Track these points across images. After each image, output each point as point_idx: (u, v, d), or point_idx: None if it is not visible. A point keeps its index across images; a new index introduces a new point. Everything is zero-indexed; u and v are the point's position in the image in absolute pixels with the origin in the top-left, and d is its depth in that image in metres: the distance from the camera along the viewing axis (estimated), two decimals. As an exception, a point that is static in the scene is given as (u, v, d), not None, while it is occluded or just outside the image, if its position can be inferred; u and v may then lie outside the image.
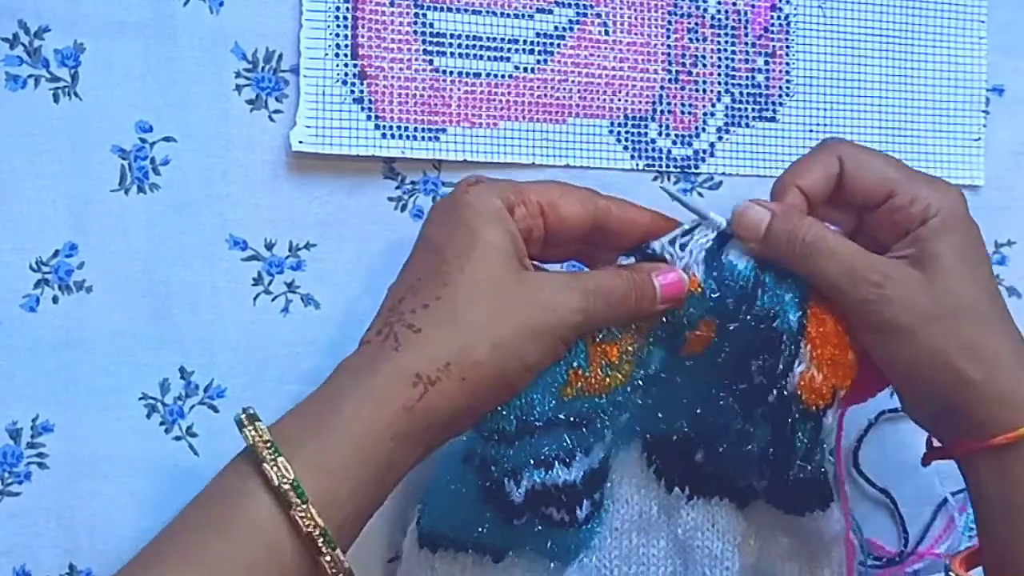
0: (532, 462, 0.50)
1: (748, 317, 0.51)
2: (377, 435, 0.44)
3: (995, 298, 0.52)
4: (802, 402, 0.53)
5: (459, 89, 0.59)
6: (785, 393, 0.52)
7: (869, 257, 0.51)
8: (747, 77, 0.63)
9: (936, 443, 0.55)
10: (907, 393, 0.53)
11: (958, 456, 0.52)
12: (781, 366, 0.52)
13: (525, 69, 0.60)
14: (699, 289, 0.51)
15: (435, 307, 0.46)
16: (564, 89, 0.61)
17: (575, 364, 0.49)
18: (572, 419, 0.50)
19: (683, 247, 0.52)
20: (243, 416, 0.45)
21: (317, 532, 0.42)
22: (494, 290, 0.46)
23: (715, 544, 0.58)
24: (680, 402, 0.54)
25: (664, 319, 0.51)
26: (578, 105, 0.61)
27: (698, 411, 0.54)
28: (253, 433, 0.44)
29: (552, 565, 0.55)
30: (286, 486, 0.42)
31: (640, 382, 0.52)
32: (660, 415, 0.54)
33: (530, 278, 0.48)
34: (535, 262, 0.52)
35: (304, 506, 0.42)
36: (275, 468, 0.43)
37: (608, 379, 0.50)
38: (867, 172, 0.52)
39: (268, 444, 0.43)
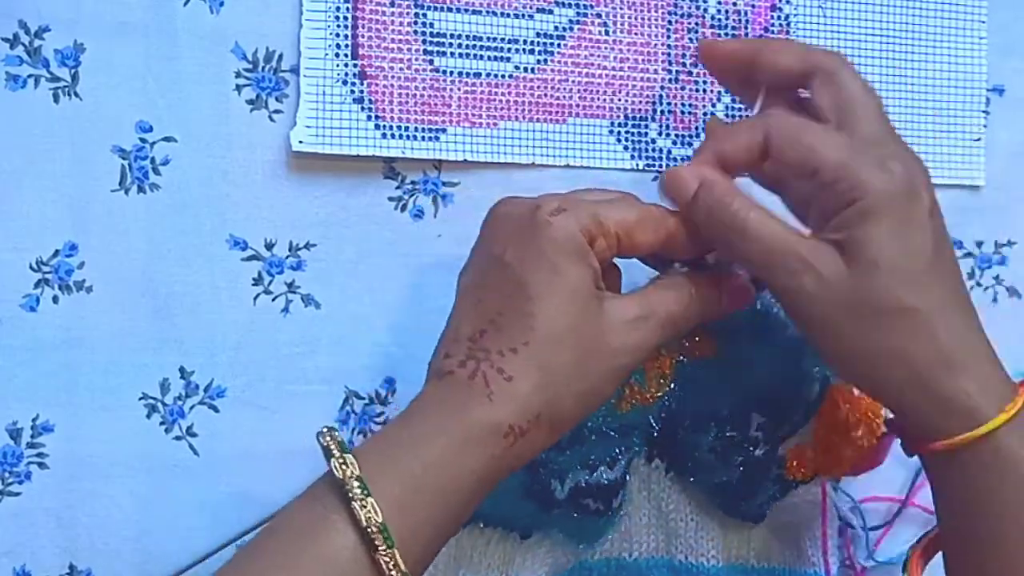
0: (579, 465, 0.50)
1: (771, 373, 0.51)
2: (463, 481, 0.44)
3: (930, 289, 0.46)
4: (784, 467, 0.53)
5: (459, 89, 0.59)
6: (773, 454, 0.53)
7: (791, 241, 0.46)
8: (747, 77, 0.63)
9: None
10: (853, 383, 0.51)
11: (913, 453, 0.50)
12: (784, 430, 0.52)
13: (525, 69, 0.60)
14: None
15: (523, 353, 0.45)
16: (564, 89, 0.61)
17: (632, 380, 0.50)
18: (622, 426, 0.51)
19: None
20: (330, 443, 0.44)
21: (398, 573, 0.42)
22: (579, 337, 0.46)
23: (698, 517, 0.58)
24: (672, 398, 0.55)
25: None
26: (578, 105, 0.61)
27: (682, 413, 0.54)
28: (344, 466, 0.43)
29: (580, 547, 0.56)
30: (374, 528, 0.41)
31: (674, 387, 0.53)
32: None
33: (609, 318, 0.46)
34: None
35: (390, 551, 0.41)
36: (364, 508, 0.42)
37: (660, 391, 0.51)
38: (791, 146, 0.47)
39: (359, 481, 0.42)
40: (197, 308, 0.57)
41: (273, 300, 0.58)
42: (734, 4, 0.63)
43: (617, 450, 0.52)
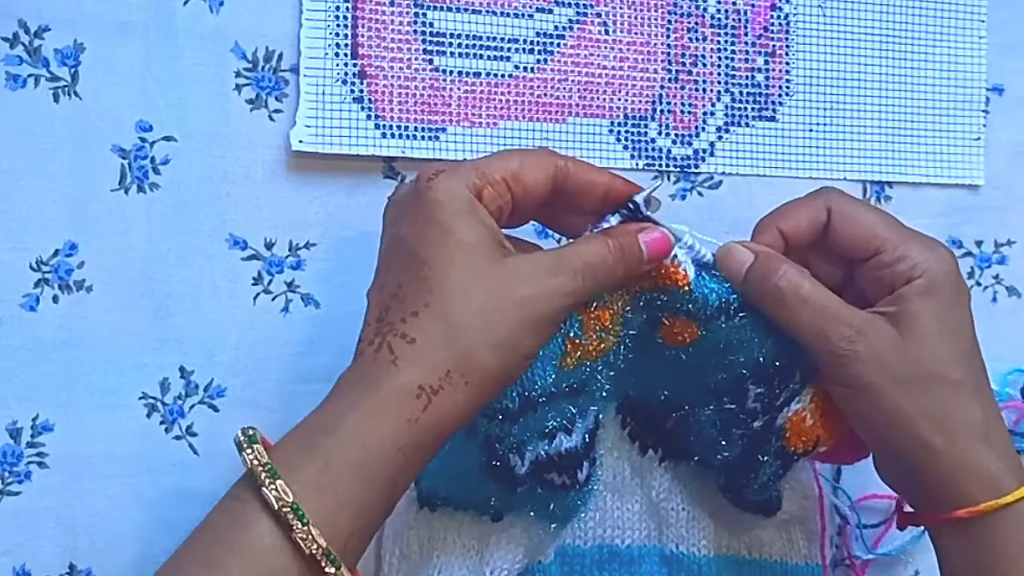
0: (536, 435, 0.50)
1: (757, 346, 0.51)
2: (383, 451, 0.44)
3: (971, 367, 0.50)
4: (784, 439, 0.53)
5: (459, 89, 0.59)
6: (772, 425, 0.53)
7: (844, 309, 0.49)
8: (747, 77, 0.63)
9: (907, 508, 0.54)
10: (875, 452, 0.52)
11: (925, 524, 0.52)
12: (781, 399, 0.52)
13: (525, 69, 0.60)
14: (687, 287, 0.51)
15: (425, 315, 0.45)
16: (564, 89, 0.61)
17: (571, 334, 0.49)
18: (571, 387, 0.50)
19: (687, 246, 0.51)
20: (242, 438, 0.44)
21: (320, 553, 0.42)
22: (482, 289, 0.46)
23: (690, 507, 0.58)
24: (658, 376, 0.55)
25: (645, 293, 0.51)
26: (578, 104, 0.61)
27: (678, 396, 0.55)
28: (252, 456, 0.43)
29: (552, 527, 0.55)
30: (285, 509, 0.42)
31: (627, 343, 0.52)
32: (633, 381, 0.55)
33: (516, 268, 0.46)
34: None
35: (305, 528, 0.42)
36: (274, 491, 0.42)
37: (602, 344, 0.50)
38: (856, 225, 0.51)
39: (266, 467, 0.42)
40: (197, 308, 0.57)
41: (273, 300, 0.58)
42: (734, 4, 0.63)
43: (571, 411, 0.51)
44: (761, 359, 0.52)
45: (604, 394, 0.53)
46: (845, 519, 0.63)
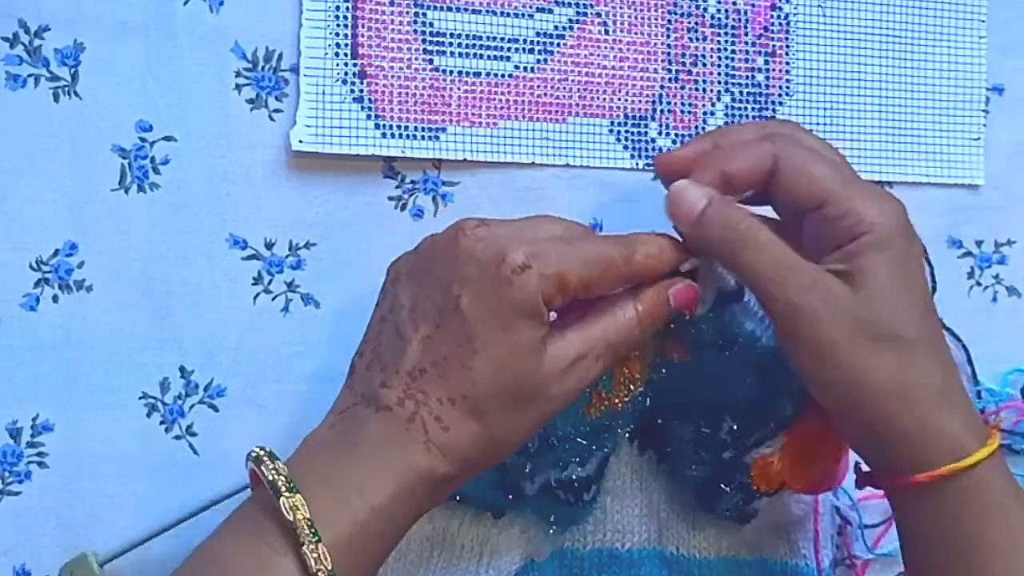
0: (549, 466, 0.50)
1: (742, 386, 0.51)
2: (401, 526, 0.46)
3: (927, 325, 0.48)
4: (748, 476, 0.53)
5: (459, 88, 0.59)
6: (739, 460, 0.53)
7: (801, 261, 0.48)
8: (747, 76, 0.63)
9: (865, 468, 0.52)
10: (831, 412, 0.50)
11: (884, 488, 0.50)
12: (752, 439, 0.52)
13: (525, 68, 0.60)
14: (689, 316, 0.51)
15: (461, 406, 0.45)
16: (564, 88, 0.61)
17: (599, 387, 0.50)
18: (590, 431, 0.51)
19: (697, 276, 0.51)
20: (276, 477, 0.43)
21: None
22: (516, 391, 0.46)
23: (689, 510, 0.58)
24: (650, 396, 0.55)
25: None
26: (578, 104, 0.61)
27: (663, 404, 0.55)
28: (294, 508, 0.42)
29: (552, 530, 0.56)
30: (322, 574, 0.42)
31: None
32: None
33: (548, 366, 0.46)
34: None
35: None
36: (314, 555, 0.41)
37: (629, 395, 0.51)
38: (800, 176, 0.49)
39: (309, 525, 0.42)
40: (197, 307, 0.57)
41: (273, 299, 0.58)
42: (734, 3, 0.63)
43: (588, 451, 0.52)
44: (740, 397, 0.52)
45: (623, 430, 0.54)
46: (846, 519, 0.63)
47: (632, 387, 0.51)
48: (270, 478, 0.43)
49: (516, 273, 0.45)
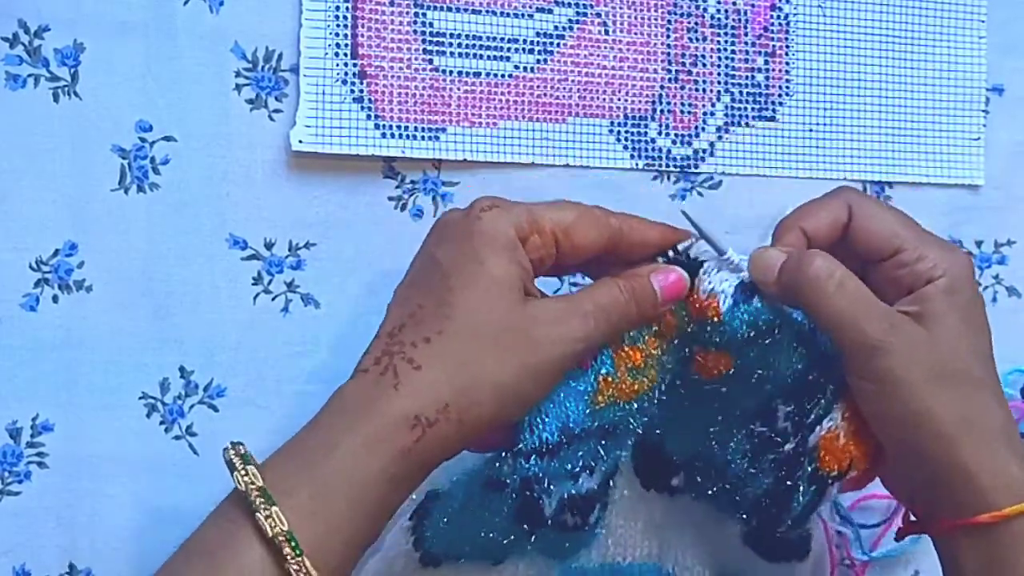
0: (564, 476, 0.50)
1: (788, 363, 0.51)
2: (373, 480, 0.44)
3: (991, 369, 0.50)
4: (817, 460, 0.51)
5: (459, 89, 0.59)
6: (804, 446, 0.51)
7: (877, 302, 0.49)
8: (747, 77, 0.63)
9: (912, 518, 0.53)
10: (892, 454, 0.51)
11: (936, 534, 0.51)
12: (812, 416, 0.51)
13: (525, 69, 0.60)
14: (717, 319, 0.51)
15: (436, 342, 0.45)
16: (564, 89, 0.61)
17: (603, 371, 0.50)
18: (604, 428, 0.50)
19: (714, 269, 0.51)
20: (233, 456, 0.44)
21: None
22: (497, 328, 0.45)
23: (689, 536, 0.57)
24: (682, 426, 0.54)
25: (682, 328, 0.51)
26: (578, 104, 0.61)
27: (699, 442, 0.54)
28: (245, 479, 0.43)
29: (553, 564, 0.55)
30: (281, 537, 0.41)
31: (663, 386, 0.52)
32: (662, 422, 0.54)
33: (532, 312, 0.46)
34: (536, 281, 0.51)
35: (298, 558, 0.41)
36: (269, 518, 0.41)
37: (636, 384, 0.51)
38: (876, 224, 0.51)
39: (261, 491, 0.42)
40: (197, 308, 0.57)
41: (273, 300, 0.58)
42: (734, 4, 0.63)
43: (598, 452, 0.51)
44: (789, 377, 0.51)
45: (633, 438, 0.53)
46: (848, 520, 0.63)
47: (637, 376, 0.51)
48: (226, 458, 0.44)
49: (484, 210, 0.47)
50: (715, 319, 0.50)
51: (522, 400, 0.47)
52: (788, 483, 0.52)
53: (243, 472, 0.43)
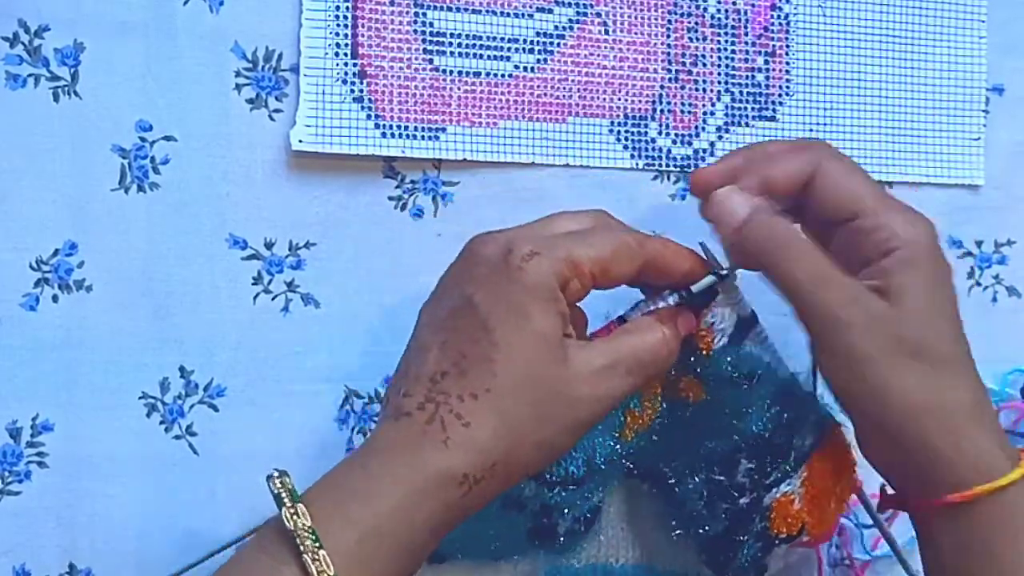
0: (582, 500, 0.50)
1: (759, 416, 0.51)
2: (417, 530, 0.44)
3: (960, 343, 0.49)
4: (768, 520, 0.52)
5: (459, 88, 0.59)
6: (758, 504, 0.52)
7: (841, 274, 0.48)
8: (747, 76, 0.63)
9: (890, 490, 0.52)
10: (862, 430, 0.50)
11: (910, 509, 0.50)
12: (772, 478, 0.51)
13: (525, 68, 0.60)
14: (707, 353, 0.51)
15: (484, 400, 0.44)
16: (564, 88, 0.61)
17: (631, 406, 0.50)
18: (626, 455, 0.51)
19: (721, 304, 0.51)
20: (281, 490, 0.43)
21: None
22: (541, 386, 0.45)
23: (676, 535, 0.57)
24: (656, 442, 0.54)
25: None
26: (578, 104, 0.61)
27: (663, 467, 0.54)
28: (295, 517, 0.42)
29: (542, 554, 0.55)
30: None
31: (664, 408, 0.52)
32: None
33: (576, 367, 0.46)
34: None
35: None
36: (316, 562, 0.41)
37: (652, 410, 0.51)
38: (835, 187, 0.50)
39: (311, 533, 0.41)
40: (197, 307, 0.57)
41: (273, 299, 0.58)
42: (734, 4, 0.63)
43: (615, 480, 0.52)
44: (758, 432, 0.51)
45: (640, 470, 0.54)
46: (845, 515, 0.63)
47: (654, 403, 0.51)
48: (274, 491, 0.43)
49: (525, 260, 0.45)
50: (704, 352, 0.50)
51: (560, 451, 0.47)
52: (736, 535, 0.52)
53: (292, 509, 0.42)
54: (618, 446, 0.51)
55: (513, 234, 0.47)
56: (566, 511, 0.51)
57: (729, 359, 0.50)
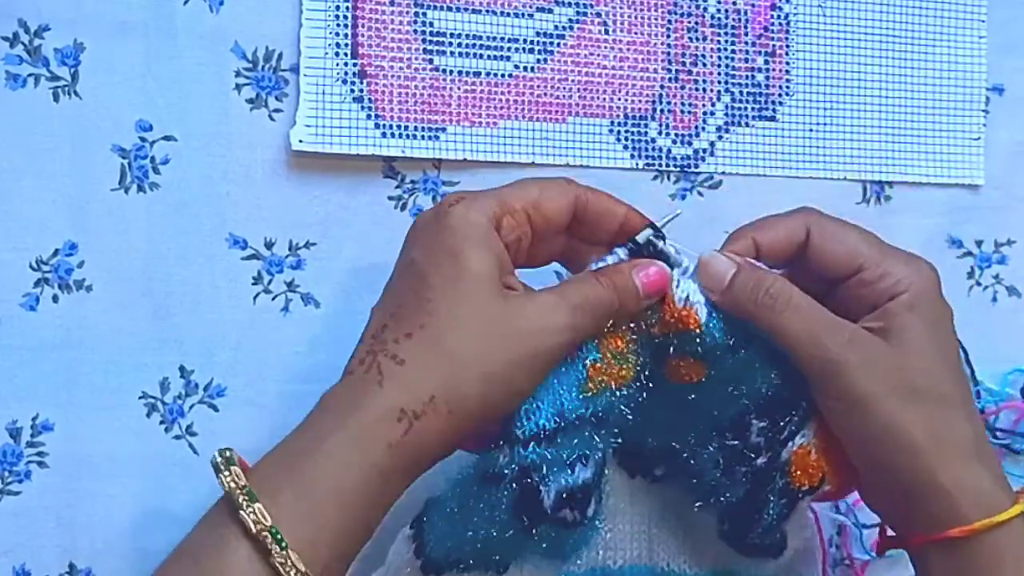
0: (560, 465, 0.50)
1: (763, 377, 0.51)
2: (361, 476, 0.44)
3: (960, 383, 0.49)
4: (788, 475, 0.52)
5: (459, 88, 0.59)
6: (776, 461, 0.51)
7: (836, 319, 0.49)
8: (747, 76, 0.63)
9: (889, 532, 0.52)
10: (864, 470, 0.51)
11: (910, 547, 0.51)
12: (785, 432, 0.51)
13: (525, 68, 0.60)
14: (698, 328, 0.51)
15: (419, 336, 0.45)
16: (564, 88, 0.61)
17: (590, 359, 0.49)
18: (596, 415, 0.50)
19: (685, 277, 0.51)
20: (219, 459, 0.44)
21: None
22: (481, 319, 0.45)
23: (681, 528, 0.57)
24: (660, 421, 0.54)
25: (653, 326, 0.51)
26: (578, 104, 0.61)
27: (674, 443, 0.54)
28: (229, 479, 0.43)
29: (555, 565, 0.55)
30: (264, 533, 0.41)
31: (644, 376, 0.52)
32: (641, 421, 0.54)
33: (516, 304, 0.47)
34: (518, 276, 0.51)
35: (284, 552, 0.41)
36: (251, 515, 0.41)
37: (623, 369, 0.50)
38: (835, 244, 0.50)
39: (244, 489, 0.42)
40: (197, 307, 0.57)
41: (273, 299, 0.58)
42: (734, 4, 0.63)
43: (594, 439, 0.51)
44: (764, 391, 0.51)
45: (624, 427, 0.53)
46: (844, 519, 0.63)
47: (622, 362, 0.51)
48: (213, 461, 0.44)
49: (452, 205, 0.47)
50: (695, 329, 0.50)
51: (512, 390, 0.47)
52: (759, 496, 0.52)
53: (227, 473, 0.43)
54: (587, 402, 0.50)
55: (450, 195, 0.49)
56: (547, 475, 0.50)
57: (720, 326, 0.50)
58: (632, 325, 0.51)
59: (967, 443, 0.48)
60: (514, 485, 0.50)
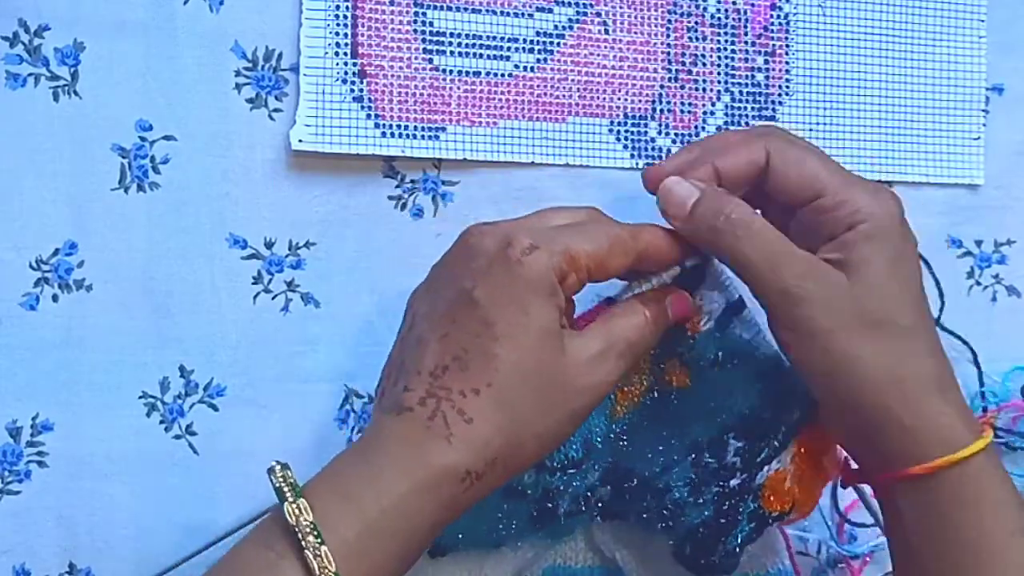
0: (580, 480, 0.50)
1: (746, 397, 0.51)
2: (418, 525, 0.44)
3: (923, 316, 0.48)
4: (761, 498, 0.51)
5: (459, 88, 0.59)
6: (750, 483, 0.51)
7: (795, 248, 0.47)
8: (747, 76, 0.63)
9: (853, 465, 0.52)
10: (824, 404, 0.50)
11: (874, 483, 0.50)
12: (762, 455, 0.51)
13: (525, 68, 0.60)
14: (693, 335, 0.51)
15: (485, 395, 0.44)
16: (564, 88, 0.61)
17: (621, 384, 0.50)
18: (622, 433, 0.51)
19: (709, 287, 0.51)
20: (282, 483, 0.43)
21: None
22: (543, 377, 0.45)
23: (634, 562, 0.57)
24: (642, 432, 0.53)
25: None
26: (578, 104, 0.61)
27: (649, 454, 0.53)
28: (297, 512, 0.42)
29: (547, 543, 0.55)
30: (328, 574, 0.41)
31: (653, 386, 0.52)
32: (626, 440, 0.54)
33: (571, 357, 0.46)
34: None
35: None
36: (318, 558, 0.41)
37: (641, 384, 0.51)
38: (794, 169, 0.49)
39: (312, 528, 0.41)
40: (197, 307, 0.57)
41: (273, 299, 0.58)
42: (734, 3, 0.63)
43: (608, 457, 0.52)
44: (745, 411, 0.51)
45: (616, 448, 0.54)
46: (842, 518, 0.63)
47: (641, 379, 0.51)
48: (276, 485, 0.43)
49: (525, 254, 0.45)
50: (691, 334, 0.50)
51: (560, 440, 0.47)
52: (728, 517, 0.52)
53: (294, 504, 0.42)
54: (612, 424, 0.50)
55: (510, 227, 0.47)
56: (567, 493, 0.51)
57: (714, 342, 0.50)
58: None
59: (929, 378, 0.47)
60: (535, 503, 0.50)
